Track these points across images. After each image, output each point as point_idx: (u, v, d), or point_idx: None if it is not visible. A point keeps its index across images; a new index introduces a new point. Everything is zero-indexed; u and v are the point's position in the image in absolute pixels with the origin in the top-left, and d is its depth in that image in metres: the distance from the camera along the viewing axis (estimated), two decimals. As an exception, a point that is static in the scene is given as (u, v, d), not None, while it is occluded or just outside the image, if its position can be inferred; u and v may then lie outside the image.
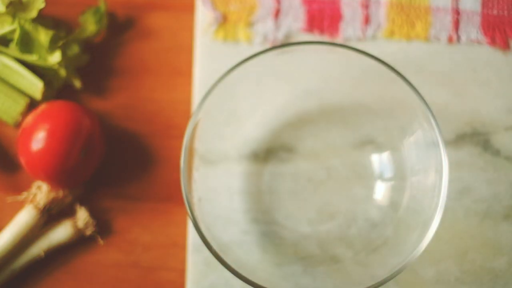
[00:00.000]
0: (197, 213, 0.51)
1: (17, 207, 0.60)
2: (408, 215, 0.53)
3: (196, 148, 0.54)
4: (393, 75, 0.53)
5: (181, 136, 0.54)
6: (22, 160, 0.59)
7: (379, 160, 0.58)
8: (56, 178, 0.59)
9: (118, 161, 0.61)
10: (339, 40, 0.60)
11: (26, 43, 0.60)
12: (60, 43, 0.60)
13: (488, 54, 0.60)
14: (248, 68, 0.54)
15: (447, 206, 0.50)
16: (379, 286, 0.48)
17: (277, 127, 0.59)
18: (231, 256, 0.50)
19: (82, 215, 0.60)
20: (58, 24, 0.64)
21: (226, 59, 0.59)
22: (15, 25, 0.60)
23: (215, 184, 0.57)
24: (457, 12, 0.61)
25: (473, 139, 0.58)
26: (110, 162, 0.61)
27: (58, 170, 0.58)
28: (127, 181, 0.61)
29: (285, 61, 0.55)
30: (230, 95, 0.56)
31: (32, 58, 0.60)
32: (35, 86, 0.61)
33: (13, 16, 0.60)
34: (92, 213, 0.61)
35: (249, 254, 0.54)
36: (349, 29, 0.60)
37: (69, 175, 0.59)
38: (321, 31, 0.61)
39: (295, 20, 0.61)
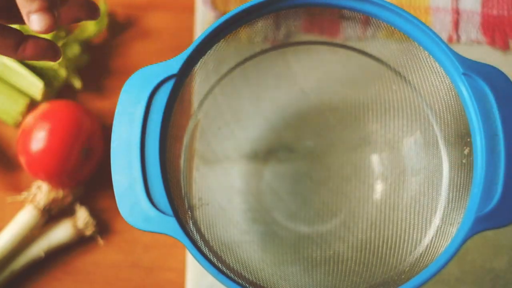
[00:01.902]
0: (197, 213, 0.51)
1: (17, 207, 0.60)
2: (408, 215, 0.53)
3: (196, 148, 0.54)
4: (393, 75, 0.53)
5: (181, 136, 0.54)
6: (22, 160, 0.59)
7: (379, 160, 0.58)
8: (56, 178, 0.59)
9: (118, 161, 0.61)
10: (339, 40, 0.60)
11: (26, 43, 0.60)
12: (60, 43, 0.60)
13: (488, 54, 0.60)
14: (248, 68, 0.54)
15: (446, 206, 0.50)
16: (379, 286, 0.48)
17: (277, 127, 0.59)
18: (232, 256, 0.50)
19: (82, 215, 0.60)
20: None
21: (226, 58, 0.59)
22: (15, 25, 0.59)
23: (215, 184, 0.57)
24: (457, 12, 0.61)
25: (473, 139, 0.58)
26: (110, 162, 0.61)
27: (58, 170, 0.58)
28: (127, 181, 0.61)
29: (285, 61, 0.55)
30: (230, 95, 0.56)
31: (32, 58, 0.60)
32: (35, 86, 0.61)
33: (13, 16, 0.60)
34: (92, 213, 0.61)
35: (249, 254, 0.54)
36: (349, 29, 0.60)
37: (69, 175, 0.59)
38: (321, 31, 0.61)
39: (295, 19, 0.61)
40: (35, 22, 0.41)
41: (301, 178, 0.59)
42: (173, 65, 0.44)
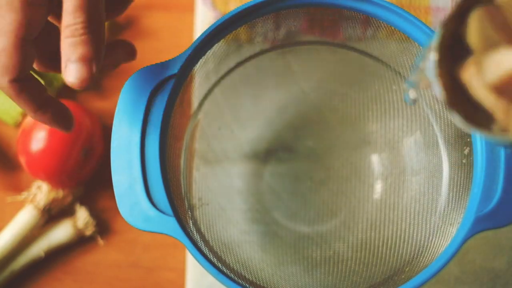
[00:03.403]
0: (197, 213, 0.51)
1: (17, 207, 0.60)
2: (408, 215, 0.53)
3: (196, 148, 0.54)
4: (393, 75, 0.53)
5: (181, 136, 0.54)
6: (22, 160, 0.59)
7: (379, 160, 0.58)
8: (56, 178, 0.59)
9: (118, 161, 0.61)
10: (339, 40, 0.60)
11: (26, 43, 0.60)
12: (60, 43, 0.60)
13: (488, 54, 0.60)
14: (248, 68, 0.54)
15: (446, 206, 0.50)
16: (379, 286, 0.48)
17: (277, 127, 0.59)
18: (232, 256, 0.50)
19: (82, 215, 0.60)
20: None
21: (226, 58, 0.59)
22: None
23: (215, 184, 0.57)
24: (457, 12, 0.61)
25: (473, 139, 0.58)
26: (110, 162, 0.61)
27: (58, 170, 0.58)
28: (127, 181, 0.61)
29: (285, 61, 0.55)
30: (230, 95, 0.56)
31: (32, 58, 0.60)
32: (35, 86, 0.60)
33: (13, 16, 0.60)
34: (92, 213, 0.61)
35: (249, 254, 0.54)
36: (349, 29, 0.60)
37: (69, 175, 0.59)
38: (321, 31, 0.61)
39: (295, 19, 0.61)
40: (70, 72, 0.37)
41: (301, 178, 0.59)
42: (173, 65, 0.44)
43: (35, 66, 0.42)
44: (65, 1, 0.37)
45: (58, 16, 0.38)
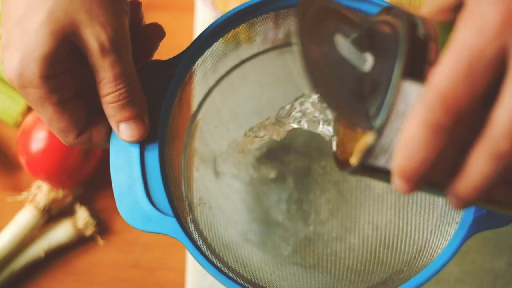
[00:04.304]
0: (197, 213, 0.51)
1: (17, 207, 0.60)
2: (406, 214, 0.53)
3: (195, 148, 0.54)
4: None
5: (180, 136, 0.54)
6: (22, 160, 0.59)
7: (379, 160, 0.58)
8: (56, 178, 0.59)
9: (118, 161, 0.61)
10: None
11: (26, 43, 0.60)
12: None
13: (488, 54, 0.60)
14: (248, 68, 0.54)
15: (444, 205, 0.50)
16: (378, 285, 0.48)
17: (276, 127, 0.59)
18: (231, 256, 0.50)
19: (82, 215, 0.60)
20: (58, 24, 0.64)
21: (226, 59, 0.59)
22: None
23: (215, 184, 0.57)
24: (457, 12, 0.61)
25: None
26: (109, 162, 0.61)
27: (58, 170, 0.58)
28: (127, 181, 0.61)
29: (284, 61, 0.55)
30: (230, 95, 0.55)
31: (32, 58, 0.60)
32: (35, 86, 0.60)
33: (13, 16, 0.60)
34: (92, 213, 0.61)
35: (248, 254, 0.54)
36: (349, 29, 0.60)
37: (69, 175, 0.59)
38: (321, 31, 0.61)
39: (295, 19, 0.61)
40: (124, 132, 0.40)
41: (300, 178, 0.58)
42: (172, 64, 0.44)
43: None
44: (100, 72, 0.39)
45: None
